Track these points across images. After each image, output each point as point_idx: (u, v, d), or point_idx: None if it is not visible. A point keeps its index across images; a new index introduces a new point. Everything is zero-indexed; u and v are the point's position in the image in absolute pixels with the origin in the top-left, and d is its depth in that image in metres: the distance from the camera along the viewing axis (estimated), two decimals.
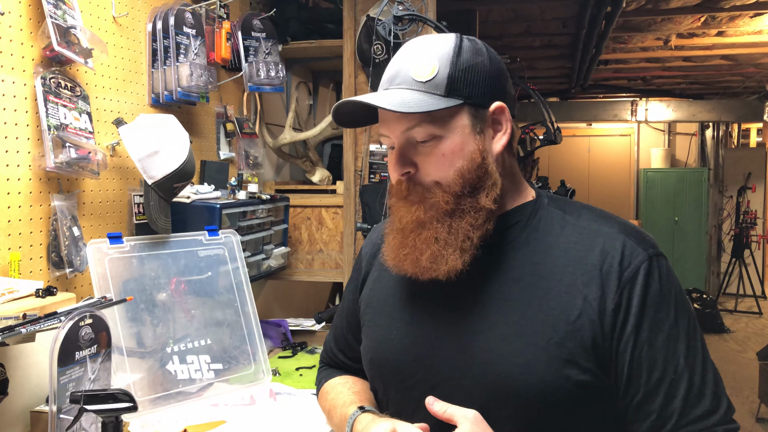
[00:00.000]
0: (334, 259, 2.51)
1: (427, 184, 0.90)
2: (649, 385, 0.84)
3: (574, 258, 0.88)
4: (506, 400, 0.85)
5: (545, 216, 0.94)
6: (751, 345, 5.99)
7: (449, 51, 0.89)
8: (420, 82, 0.88)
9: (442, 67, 0.88)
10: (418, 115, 0.87)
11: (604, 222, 0.92)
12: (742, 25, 4.34)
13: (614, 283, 0.85)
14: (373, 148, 2.34)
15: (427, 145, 0.89)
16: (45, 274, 1.51)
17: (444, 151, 0.88)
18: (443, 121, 0.88)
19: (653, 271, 0.86)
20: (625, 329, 0.84)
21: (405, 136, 0.90)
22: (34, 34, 1.47)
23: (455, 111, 0.89)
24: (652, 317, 0.85)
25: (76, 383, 1.21)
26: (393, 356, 0.95)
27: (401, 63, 0.91)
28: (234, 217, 1.99)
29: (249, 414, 1.57)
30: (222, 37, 2.16)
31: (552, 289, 0.87)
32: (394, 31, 2.13)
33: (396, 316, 0.97)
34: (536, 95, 2.54)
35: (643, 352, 0.84)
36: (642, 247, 0.88)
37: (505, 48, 4.89)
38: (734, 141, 9.00)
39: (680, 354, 0.84)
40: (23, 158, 1.45)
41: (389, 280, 1.01)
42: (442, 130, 0.88)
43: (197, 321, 1.70)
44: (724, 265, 7.92)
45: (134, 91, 1.85)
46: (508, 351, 0.86)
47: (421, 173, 0.90)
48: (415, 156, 0.90)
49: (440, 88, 0.88)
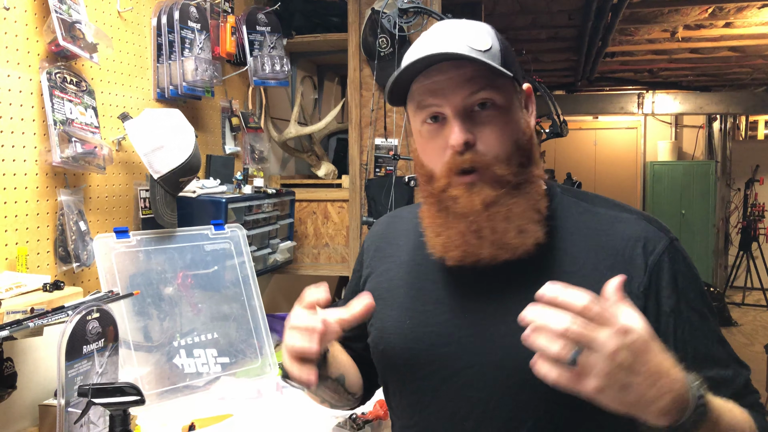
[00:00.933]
0: (340, 253, 2.51)
1: (485, 156, 0.86)
2: (697, 360, 0.84)
3: (595, 243, 0.89)
4: (530, 385, 0.83)
5: (561, 204, 0.94)
6: (759, 338, 5.96)
7: (489, 30, 0.89)
8: (479, 51, 0.85)
9: (494, 40, 0.87)
10: (483, 81, 0.85)
11: (621, 209, 0.93)
12: (750, 16, 4.30)
13: (640, 268, 0.86)
14: (379, 142, 2.33)
15: (486, 115, 0.86)
16: (52, 268, 1.51)
17: (505, 120, 0.87)
18: (505, 91, 0.87)
19: (677, 254, 0.87)
20: (662, 310, 0.85)
21: (468, 102, 0.86)
22: (39, 29, 1.47)
23: (510, 83, 0.88)
24: (686, 298, 0.86)
25: (83, 377, 1.22)
26: (408, 345, 0.93)
27: (451, 33, 0.87)
28: (240, 211, 1.99)
29: (256, 407, 1.58)
30: (227, 32, 2.16)
31: (575, 274, 0.87)
32: (399, 24, 2.12)
33: (408, 306, 0.95)
34: (542, 88, 2.53)
35: (685, 331, 0.85)
36: (663, 232, 0.89)
37: (511, 41, 4.86)
38: (742, 133, 8.93)
39: (714, 329, 0.87)
40: (29, 153, 1.45)
41: (398, 270, 1.00)
42: (503, 99, 0.86)
43: (204, 315, 1.70)
44: (732, 258, 7.87)
45: (139, 86, 1.85)
46: None
47: (480, 144, 0.86)
48: (473, 126, 0.86)
49: (497, 59, 0.86)
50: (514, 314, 0.86)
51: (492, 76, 0.85)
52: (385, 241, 1.05)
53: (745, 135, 9.01)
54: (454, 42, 0.85)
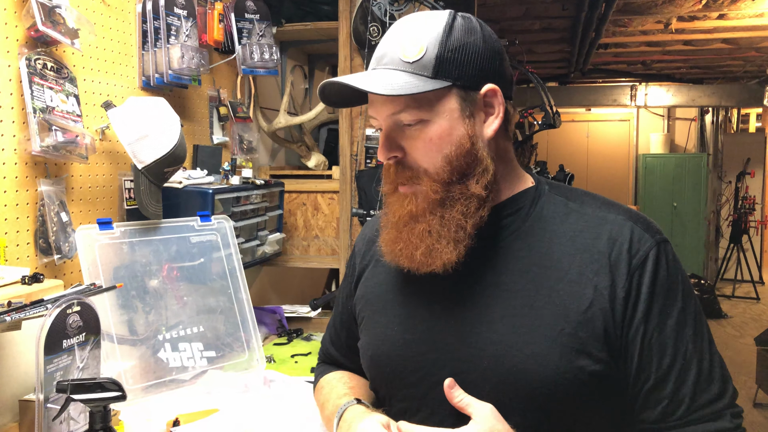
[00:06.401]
0: (330, 245, 2.48)
1: (415, 170, 0.87)
2: (660, 372, 0.82)
3: (581, 246, 0.86)
4: (518, 393, 0.82)
5: (548, 203, 0.91)
6: (749, 330, 6.00)
7: (439, 30, 0.84)
8: (407, 63, 0.84)
9: (431, 47, 0.84)
10: (404, 98, 0.83)
11: (609, 209, 0.90)
12: (744, 8, 4.28)
13: (623, 271, 0.83)
14: (369, 133, 2.30)
15: (413, 129, 0.85)
16: (33, 260, 1.48)
17: (431, 135, 0.85)
18: (430, 105, 0.84)
19: (661, 258, 0.84)
20: (635, 316, 0.82)
21: (392, 120, 0.86)
22: (18, 14, 1.42)
23: (443, 94, 0.84)
24: (661, 303, 0.83)
25: (64, 372, 1.19)
26: (395, 352, 0.92)
27: (390, 42, 0.87)
28: (227, 202, 1.96)
29: (242, 402, 1.55)
30: (214, 19, 2.12)
31: (561, 279, 0.84)
32: (390, 12, 2.08)
33: (396, 312, 0.94)
34: (535, 78, 2.50)
35: (653, 338, 0.82)
36: (649, 233, 0.86)
37: (504, 31, 4.83)
38: (734, 126, 8.95)
39: (688, 339, 0.83)
40: (8, 142, 1.41)
41: (386, 275, 0.98)
42: (428, 113, 0.84)
43: (190, 308, 1.67)
44: (722, 251, 7.90)
45: (124, 74, 1.81)
46: (519, 342, 0.83)
47: (409, 158, 0.87)
48: (402, 140, 0.87)
49: (427, 69, 0.83)
50: (501, 320, 0.85)
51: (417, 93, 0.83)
52: (374, 243, 1.03)
53: (737, 128, 9.04)
54: (388, 55, 0.86)
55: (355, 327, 1.05)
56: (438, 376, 0.87)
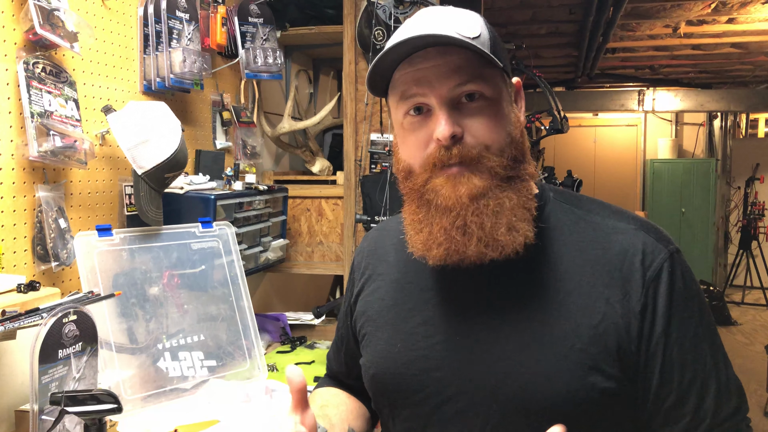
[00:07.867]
0: (334, 251, 2.45)
1: (476, 147, 0.78)
2: (682, 387, 0.79)
3: (591, 257, 0.82)
4: (527, 412, 0.78)
5: (554, 211, 0.86)
6: (759, 338, 5.92)
7: (479, 16, 0.82)
8: (468, 38, 0.76)
9: (483, 28, 0.80)
10: (471, 71, 0.78)
11: (619, 218, 0.85)
12: (754, 12, 4.24)
13: (638, 284, 0.79)
14: (374, 138, 2.27)
15: (474, 106, 0.79)
16: (30, 268, 1.45)
17: (495, 111, 0.79)
18: (493, 82, 0.80)
19: (676, 269, 0.80)
20: (654, 330, 0.79)
21: (453, 94, 0.78)
22: (16, 17, 1.40)
23: (499, 74, 0.81)
24: (679, 317, 0.79)
25: (59, 382, 1.16)
26: (398, 370, 0.87)
27: (438, 18, 0.80)
28: (230, 208, 1.93)
29: (243, 412, 1.52)
30: (217, 22, 2.09)
31: (571, 292, 0.80)
32: (394, 15, 2.05)
33: (399, 327, 0.89)
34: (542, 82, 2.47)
35: (674, 353, 0.79)
36: (662, 243, 0.82)
37: (511, 36, 4.80)
38: (742, 131, 8.88)
39: (707, 353, 0.80)
40: (5, 147, 1.38)
41: (388, 289, 0.93)
42: (491, 90, 0.79)
43: (190, 316, 1.64)
44: (731, 257, 7.82)
45: (125, 78, 1.79)
46: (528, 360, 0.79)
47: (468, 137, 0.78)
48: (461, 117, 0.79)
49: (487, 48, 0.78)
50: (508, 337, 0.80)
51: (481, 67, 0.78)
52: (374, 257, 0.99)
53: (746, 133, 8.95)
54: (442, 27, 0.77)
55: (353, 345, 1.01)
56: (444, 394, 0.83)
